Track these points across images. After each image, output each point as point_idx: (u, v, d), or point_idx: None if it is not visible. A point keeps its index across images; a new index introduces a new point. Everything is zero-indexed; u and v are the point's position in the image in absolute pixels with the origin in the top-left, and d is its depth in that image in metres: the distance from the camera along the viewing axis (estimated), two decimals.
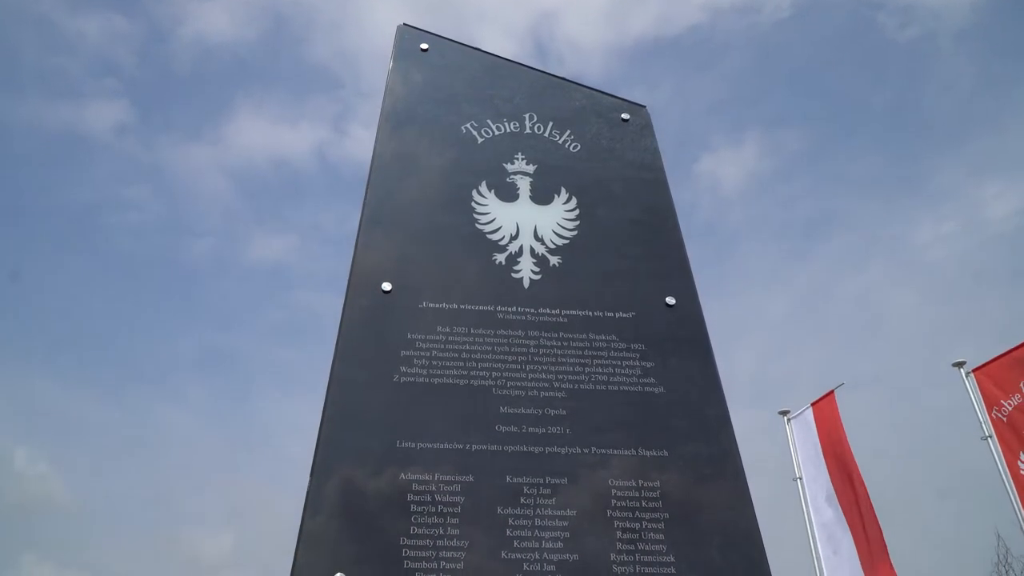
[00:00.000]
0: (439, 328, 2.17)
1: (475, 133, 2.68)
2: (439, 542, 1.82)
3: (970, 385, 9.23)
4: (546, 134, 2.73)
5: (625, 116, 2.83)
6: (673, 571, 1.86)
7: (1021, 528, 8.33)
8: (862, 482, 9.84)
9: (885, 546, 9.44)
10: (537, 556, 1.84)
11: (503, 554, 1.83)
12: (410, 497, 1.88)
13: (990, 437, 8.84)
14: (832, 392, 10.75)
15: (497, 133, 2.70)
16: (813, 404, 11.07)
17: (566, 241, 2.44)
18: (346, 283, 2.25)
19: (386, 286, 2.23)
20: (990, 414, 8.91)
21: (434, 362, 2.11)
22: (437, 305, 2.22)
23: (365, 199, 2.45)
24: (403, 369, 2.08)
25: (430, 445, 1.97)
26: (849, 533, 10.00)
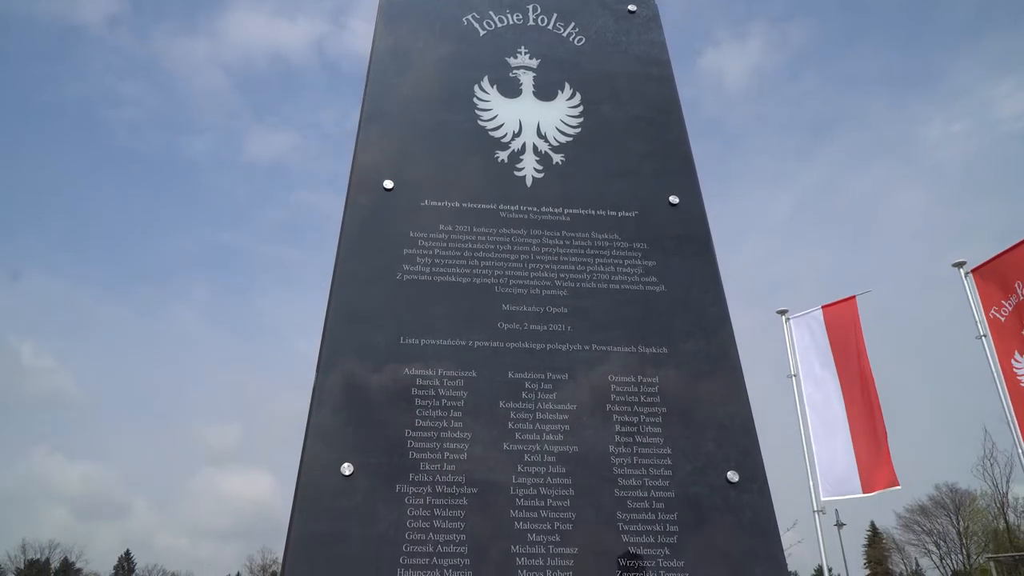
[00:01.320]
0: (441, 226, 2.17)
1: (476, 25, 2.60)
2: (443, 434, 1.88)
3: (969, 285, 9.30)
4: (550, 26, 2.65)
5: (632, 7, 2.73)
6: (669, 462, 1.93)
7: (1008, 423, 8.57)
8: (874, 386, 10.10)
9: (888, 450, 9.76)
10: (538, 448, 1.90)
11: (505, 446, 1.89)
12: (414, 391, 1.93)
13: (984, 336, 8.97)
14: (853, 297, 10.90)
15: (499, 25, 2.61)
16: (824, 307, 11.21)
17: (569, 139, 2.40)
18: (347, 181, 2.24)
19: (388, 184, 2.21)
20: (987, 314, 9.02)
21: (436, 260, 2.11)
22: (439, 203, 2.21)
23: (364, 95, 2.40)
24: (406, 267, 2.09)
25: (433, 341, 2.00)
26: (848, 431, 10.30)
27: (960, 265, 9.52)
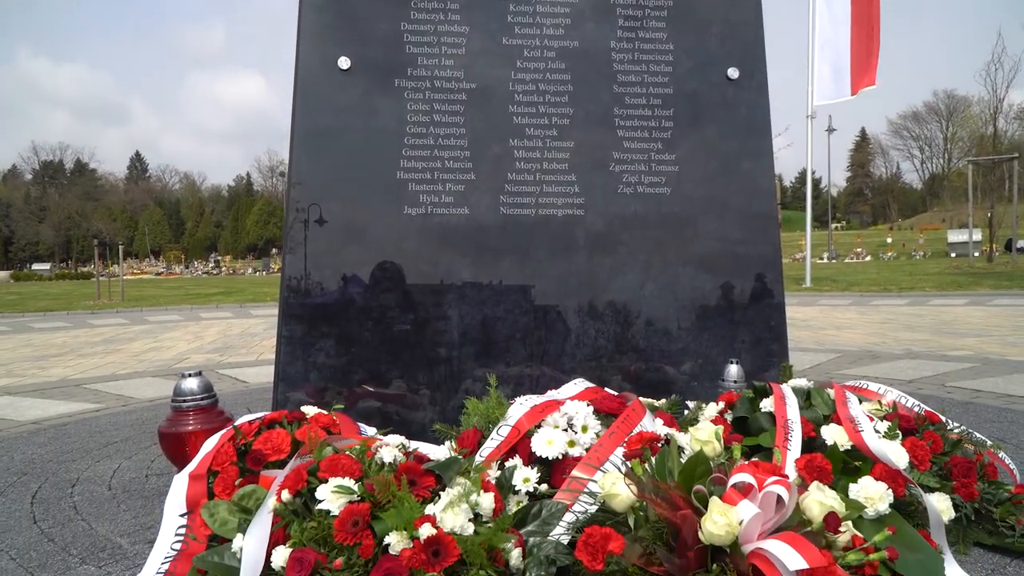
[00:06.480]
0: None
1: None
2: (440, 27, 1.82)
3: None
4: None
5: None
6: (670, 59, 1.90)
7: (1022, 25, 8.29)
8: None
9: (877, 53, 9.73)
10: (538, 43, 1.86)
11: (504, 40, 1.85)
12: None
13: None
14: None
15: None
16: None
17: None
18: None
19: None
20: None
21: None
22: None
23: None
24: None
25: None
26: (849, 36, 10.15)
27: None
